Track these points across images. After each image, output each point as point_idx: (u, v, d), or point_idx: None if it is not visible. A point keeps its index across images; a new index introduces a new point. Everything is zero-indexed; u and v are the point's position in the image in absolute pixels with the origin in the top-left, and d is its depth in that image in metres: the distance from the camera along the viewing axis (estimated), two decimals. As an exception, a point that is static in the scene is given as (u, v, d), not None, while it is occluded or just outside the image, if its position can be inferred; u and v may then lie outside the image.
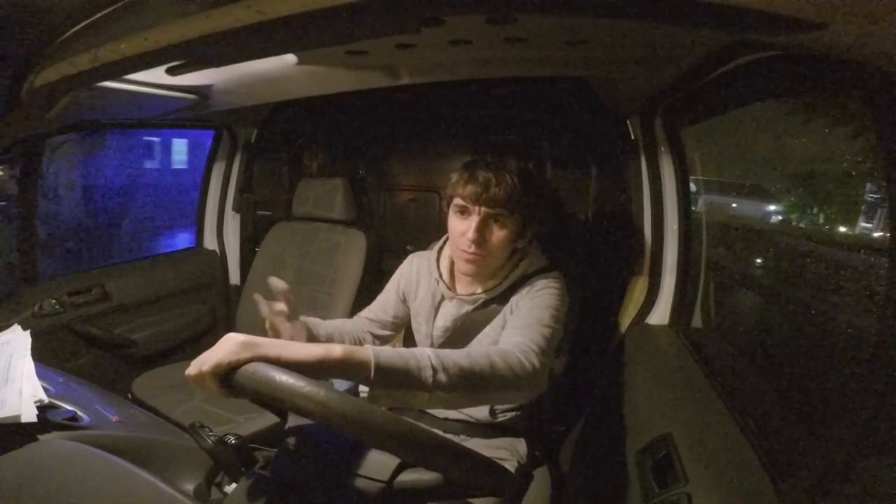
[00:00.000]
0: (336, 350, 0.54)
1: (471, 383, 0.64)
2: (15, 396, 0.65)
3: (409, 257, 1.11)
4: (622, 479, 0.73)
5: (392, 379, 0.58)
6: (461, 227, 0.90)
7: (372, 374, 0.56)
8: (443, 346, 1.02)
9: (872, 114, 0.55)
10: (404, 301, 1.09)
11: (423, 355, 0.61)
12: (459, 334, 1.00)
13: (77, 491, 0.54)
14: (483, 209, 0.87)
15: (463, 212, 0.91)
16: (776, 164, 1.07)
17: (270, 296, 0.81)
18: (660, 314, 1.24)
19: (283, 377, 0.46)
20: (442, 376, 0.61)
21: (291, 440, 0.64)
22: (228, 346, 0.51)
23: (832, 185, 0.89)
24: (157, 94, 1.06)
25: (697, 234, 1.22)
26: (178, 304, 1.78)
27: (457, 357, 0.64)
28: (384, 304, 1.10)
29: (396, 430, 0.47)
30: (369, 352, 0.57)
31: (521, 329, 0.81)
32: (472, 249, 0.88)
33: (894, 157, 0.52)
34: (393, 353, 0.59)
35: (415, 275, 1.07)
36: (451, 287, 1.02)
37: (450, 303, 1.02)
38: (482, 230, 0.88)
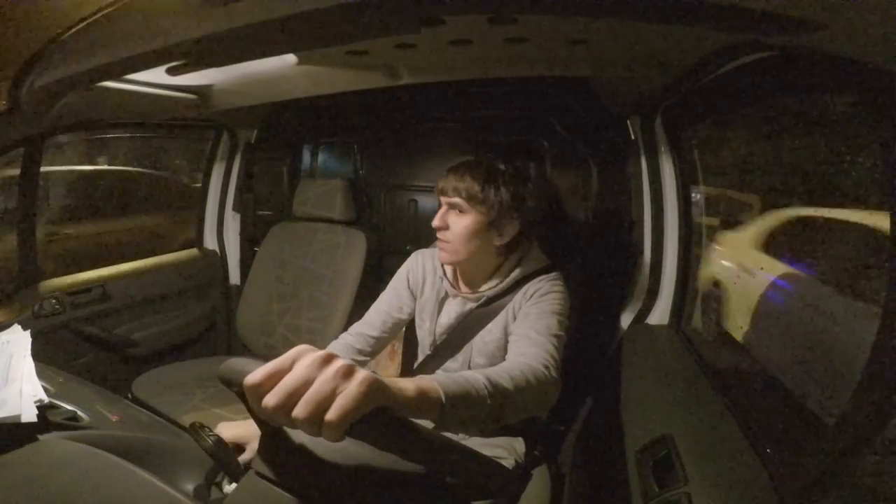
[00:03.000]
0: (410, 387, 0.49)
1: (514, 404, 0.65)
2: (15, 396, 0.65)
3: (415, 254, 1.13)
4: (622, 479, 0.73)
5: (458, 410, 0.54)
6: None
7: (444, 405, 0.52)
8: (445, 342, 1.04)
9: (872, 114, 0.55)
10: (413, 295, 1.10)
11: (479, 383, 0.60)
12: (462, 331, 1.02)
13: (77, 491, 0.54)
14: (445, 199, 0.96)
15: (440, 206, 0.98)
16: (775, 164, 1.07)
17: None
18: (660, 314, 1.24)
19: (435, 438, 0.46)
20: (498, 399, 0.61)
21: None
22: (363, 391, 0.41)
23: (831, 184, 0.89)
24: (157, 94, 1.06)
25: (697, 233, 1.22)
26: (178, 304, 1.78)
27: (503, 381, 0.64)
28: (397, 302, 1.10)
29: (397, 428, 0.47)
30: (437, 386, 0.53)
31: (534, 340, 0.83)
32: (438, 235, 0.96)
33: (894, 157, 0.52)
34: (453, 384, 0.56)
35: (421, 271, 1.09)
36: (455, 284, 1.04)
37: (453, 300, 1.04)
38: (444, 218, 0.95)
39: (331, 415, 0.39)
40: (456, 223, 0.94)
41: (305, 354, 0.43)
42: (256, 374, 0.41)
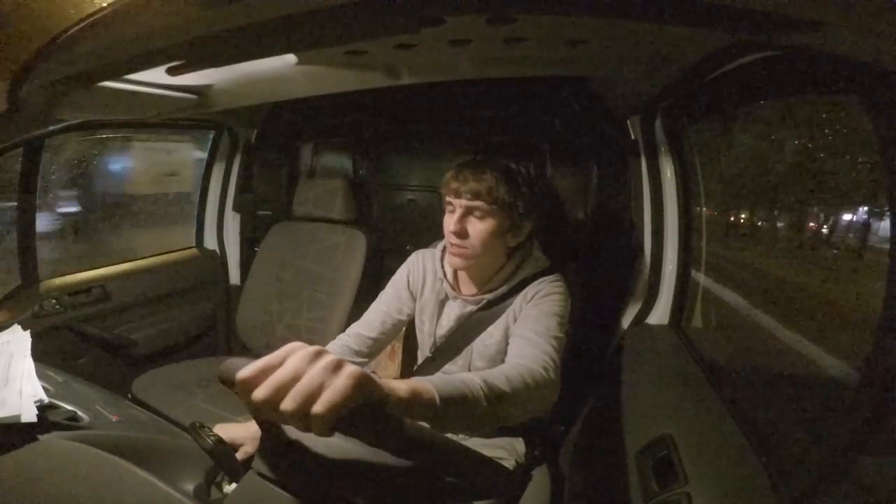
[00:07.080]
0: (402, 388, 0.49)
1: (511, 405, 0.66)
2: (15, 396, 0.65)
3: (415, 254, 1.11)
4: (622, 479, 0.73)
5: (453, 412, 0.55)
6: (448, 222, 0.93)
7: (438, 407, 0.53)
8: (445, 345, 1.03)
9: (872, 114, 0.55)
10: (412, 296, 1.09)
11: (475, 385, 0.60)
12: (462, 334, 1.01)
13: (77, 491, 0.54)
14: (462, 202, 0.91)
15: (449, 208, 0.94)
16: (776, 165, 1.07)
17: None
18: (660, 314, 1.24)
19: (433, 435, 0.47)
20: (494, 401, 0.61)
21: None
22: (350, 384, 0.41)
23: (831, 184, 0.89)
24: (157, 94, 1.06)
25: (697, 233, 1.22)
26: (178, 304, 1.78)
27: (499, 382, 0.65)
28: (397, 303, 1.08)
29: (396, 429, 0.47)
30: (431, 387, 0.53)
31: (533, 341, 0.83)
32: (455, 241, 0.91)
33: (894, 156, 0.52)
34: (448, 385, 0.56)
35: (421, 271, 1.08)
36: (455, 287, 1.03)
37: (453, 302, 1.03)
38: (463, 222, 0.91)
39: (318, 408, 0.39)
40: (476, 228, 0.91)
41: (297, 350, 0.43)
42: (249, 368, 0.42)
